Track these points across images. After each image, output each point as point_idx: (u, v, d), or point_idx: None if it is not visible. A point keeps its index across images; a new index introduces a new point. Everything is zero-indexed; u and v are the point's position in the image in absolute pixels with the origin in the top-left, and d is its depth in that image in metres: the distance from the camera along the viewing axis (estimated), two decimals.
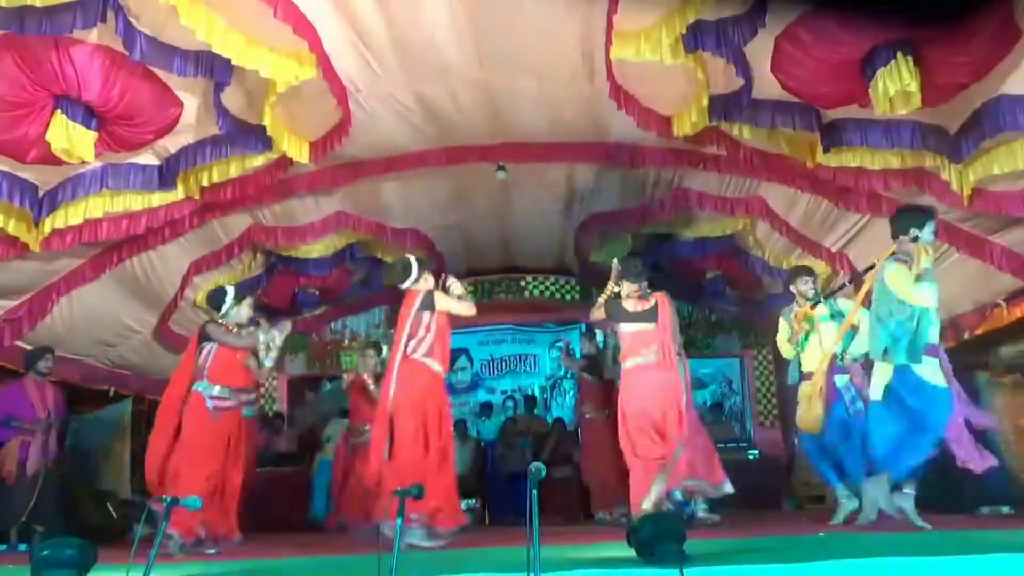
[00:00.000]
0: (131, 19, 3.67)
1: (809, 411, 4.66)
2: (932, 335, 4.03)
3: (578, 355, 6.84)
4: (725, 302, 8.49)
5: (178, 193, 4.96)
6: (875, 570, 2.34)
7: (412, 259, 4.66)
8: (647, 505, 4.36)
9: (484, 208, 7.22)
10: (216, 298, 4.97)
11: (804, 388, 4.79)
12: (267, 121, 4.42)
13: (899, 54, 3.61)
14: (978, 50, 3.57)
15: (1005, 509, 5.74)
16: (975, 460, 3.97)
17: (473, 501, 6.49)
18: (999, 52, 3.57)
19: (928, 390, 3.93)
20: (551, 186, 6.66)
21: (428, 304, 4.45)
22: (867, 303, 4.34)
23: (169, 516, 2.77)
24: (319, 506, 7.62)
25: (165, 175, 4.83)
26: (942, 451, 3.99)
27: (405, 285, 4.57)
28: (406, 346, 4.38)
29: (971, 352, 6.51)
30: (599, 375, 6.57)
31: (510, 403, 9.59)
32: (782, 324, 5.07)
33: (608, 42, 4.08)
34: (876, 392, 4.11)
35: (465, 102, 5.11)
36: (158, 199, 4.93)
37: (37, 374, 5.83)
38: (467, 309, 4.52)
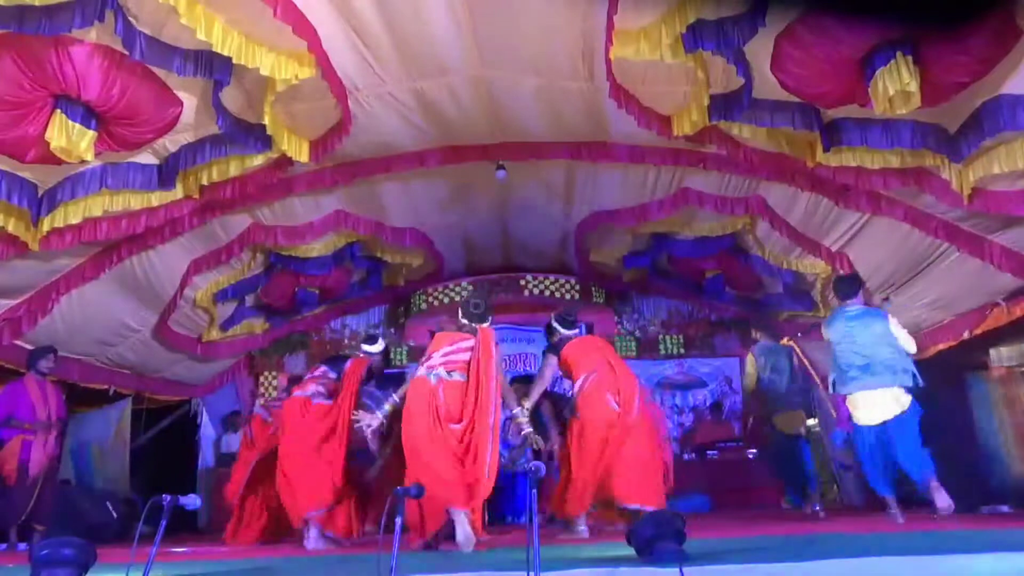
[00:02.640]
0: (130, 18, 3.67)
1: None
2: None
3: None
4: (725, 301, 8.49)
5: (177, 192, 4.96)
6: (875, 570, 2.34)
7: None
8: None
9: (484, 208, 7.22)
10: None
11: None
12: (267, 121, 4.42)
13: (899, 54, 3.60)
14: (978, 50, 3.57)
15: (1005, 508, 5.76)
16: None
17: None
18: (999, 52, 3.57)
19: None
20: (551, 186, 6.66)
21: None
22: None
23: (169, 515, 2.76)
24: None
25: (164, 174, 4.83)
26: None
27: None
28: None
29: (971, 352, 6.52)
30: None
31: None
32: None
33: (608, 41, 4.08)
34: None
35: (465, 101, 5.11)
36: (157, 198, 4.93)
37: (39, 373, 5.84)
38: None
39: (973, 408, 7.17)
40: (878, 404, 4.70)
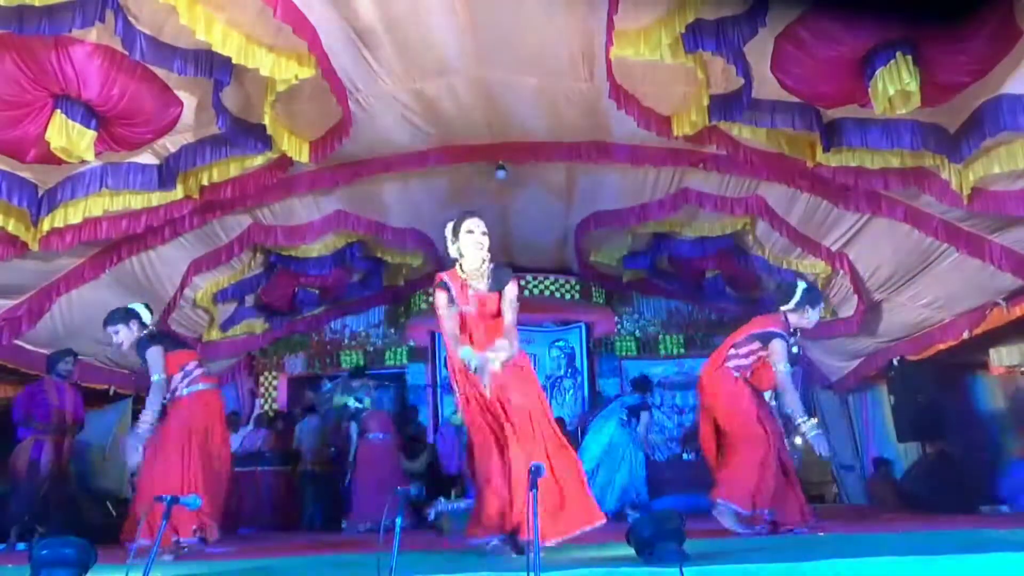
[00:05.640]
0: (130, 18, 3.66)
1: None
2: None
3: None
4: (725, 301, 8.49)
5: (178, 193, 4.96)
6: (874, 570, 2.33)
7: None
8: None
9: (484, 208, 7.19)
10: None
11: None
12: (267, 121, 4.42)
13: (899, 54, 3.60)
14: (978, 50, 3.57)
15: (1005, 508, 5.76)
16: None
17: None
18: (999, 52, 3.57)
19: None
20: (551, 186, 6.66)
21: None
22: None
23: (169, 515, 2.76)
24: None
25: (165, 175, 4.82)
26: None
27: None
28: None
29: (971, 352, 6.52)
30: None
31: None
32: None
33: (608, 41, 4.08)
34: None
35: (465, 101, 5.11)
36: (158, 198, 4.94)
37: (58, 376, 5.86)
38: None
39: (973, 408, 7.18)
40: None
